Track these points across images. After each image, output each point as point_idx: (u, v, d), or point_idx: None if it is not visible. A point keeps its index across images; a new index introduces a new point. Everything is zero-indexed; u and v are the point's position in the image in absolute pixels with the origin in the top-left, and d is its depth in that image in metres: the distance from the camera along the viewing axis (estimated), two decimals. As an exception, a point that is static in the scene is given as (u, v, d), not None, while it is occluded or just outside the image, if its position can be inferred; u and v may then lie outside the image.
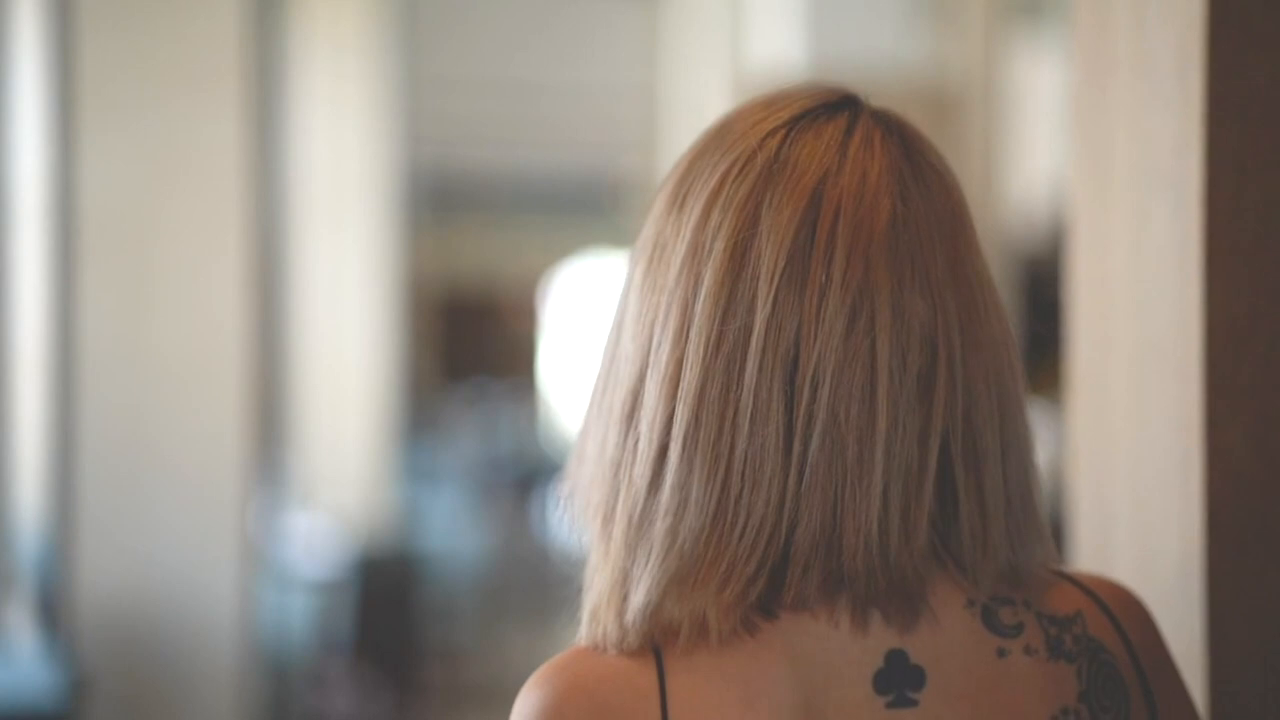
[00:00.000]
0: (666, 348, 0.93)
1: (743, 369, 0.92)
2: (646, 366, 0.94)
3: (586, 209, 12.36)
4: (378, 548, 7.01)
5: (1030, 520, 0.96)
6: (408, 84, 9.46)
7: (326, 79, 8.54)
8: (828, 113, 0.97)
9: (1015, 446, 0.96)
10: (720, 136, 0.97)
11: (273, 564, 6.22)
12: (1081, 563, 1.40)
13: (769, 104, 0.98)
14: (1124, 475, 1.33)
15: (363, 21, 8.77)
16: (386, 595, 6.64)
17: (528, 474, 11.01)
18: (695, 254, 0.93)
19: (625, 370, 0.95)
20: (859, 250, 0.92)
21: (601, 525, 0.95)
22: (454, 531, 8.63)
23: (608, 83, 10.52)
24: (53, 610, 4.22)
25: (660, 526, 0.92)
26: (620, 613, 0.93)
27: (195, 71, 4.36)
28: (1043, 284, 7.40)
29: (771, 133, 0.95)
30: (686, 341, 0.93)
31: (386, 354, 8.59)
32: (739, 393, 0.91)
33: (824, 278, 0.92)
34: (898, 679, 0.93)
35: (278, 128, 8.54)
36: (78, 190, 4.26)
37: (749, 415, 0.91)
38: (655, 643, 0.92)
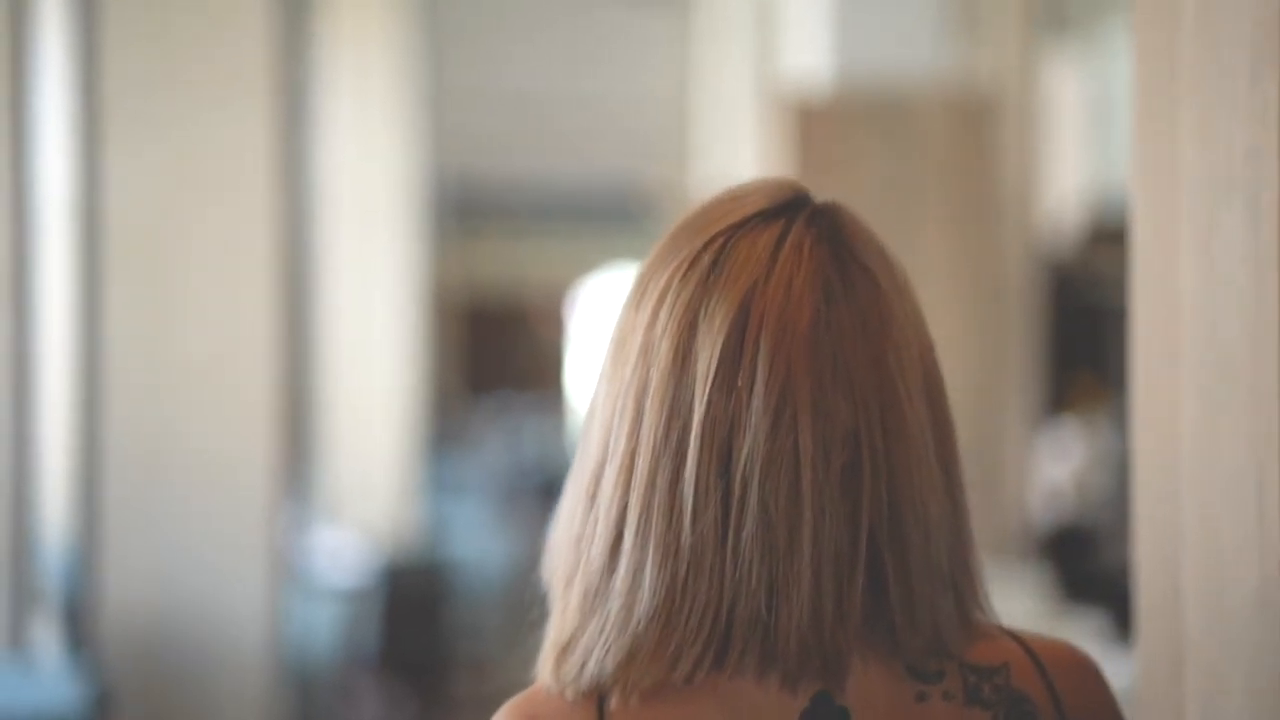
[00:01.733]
0: (622, 439, 1.04)
1: (684, 465, 1.02)
2: (607, 453, 1.05)
3: (614, 219, 12.34)
4: (404, 559, 6.98)
5: (960, 590, 1.05)
6: (434, 95, 9.45)
7: (353, 90, 8.53)
8: (765, 220, 1.06)
9: (941, 528, 1.04)
10: (677, 235, 1.07)
11: (299, 575, 6.19)
12: (1143, 594, 1.35)
13: (720, 207, 1.07)
14: (1191, 500, 1.28)
15: (390, 33, 8.76)
16: (412, 606, 6.61)
17: (553, 484, 10.98)
18: (646, 352, 1.04)
19: (591, 452, 1.06)
20: (781, 354, 1.02)
21: (563, 589, 1.06)
22: (480, 542, 8.61)
23: (636, 93, 10.49)
24: (77, 623, 4.20)
25: (615, 605, 1.03)
26: (557, 669, 1.04)
27: (222, 83, 4.34)
28: (1072, 291, 7.35)
29: (714, 238, 1.05)
30: (639, 435, 1.03)
31: (412, 365, 8.57)
32: (683, 486, 1.02)
33: (750, 380, 1.02)
34: (823, 718, 1.03)
35: (304, 139, 8.54)
36: (103, 201, 4.24)
37: (691, 507, 1.02)
38: (597, 693, 1.04)
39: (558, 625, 1.06)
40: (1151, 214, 1.34)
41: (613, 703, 1.03)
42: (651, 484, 1.03)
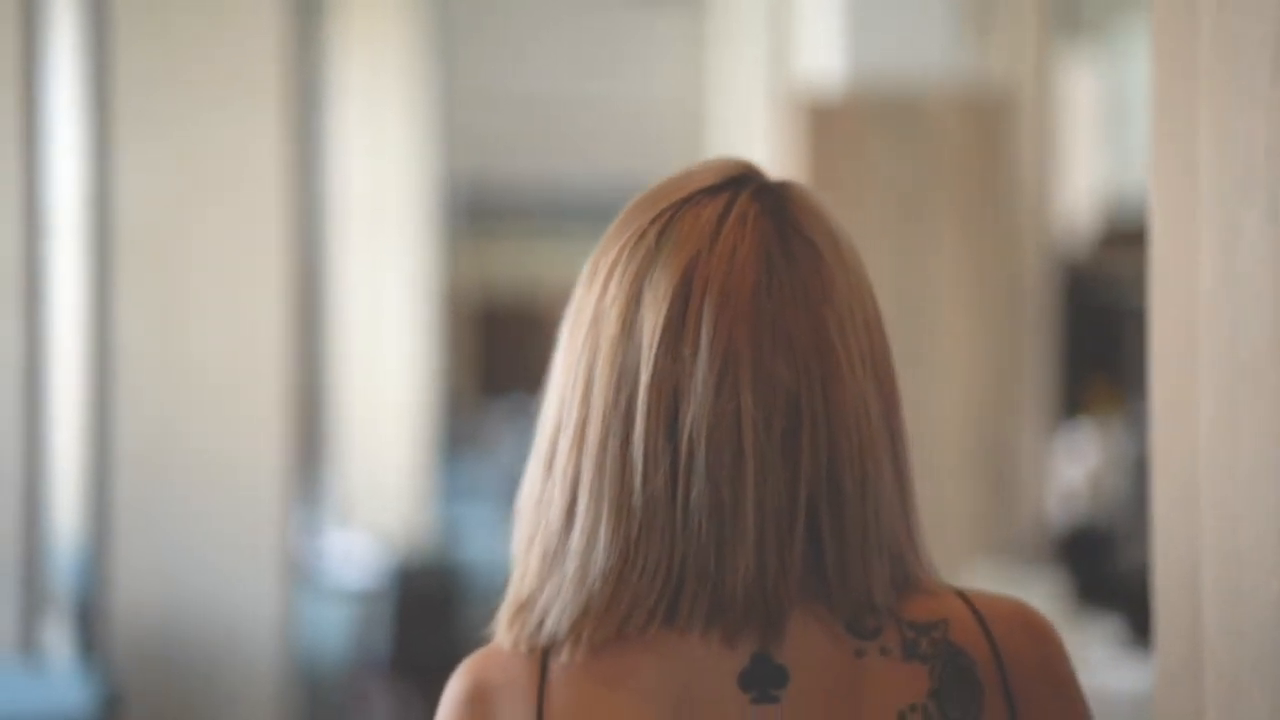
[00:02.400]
0: (575, 406, 1.09)
1: (633, 428, 1.07)
2: (561, 421, 1.10)
3: (626, 221, 12.25)
4: (416, 561, 6.97)
5: (898, 550, 1.09)
6: (447, 96, 9.43)
7: (365, 91, 8.52)
8: (711, 194, 1.10)
9: (882, 491, 1.09)
10: (628, 213, 1.12)
11: (311, 577, 6.18)
12: (1161, 598, 1.33)
13: (671, 185, 1.12)
14: (1210, 503, 1.26)
15: (402, 34, 8.75)
16: (424, 609, 6.59)
17: (566, 488, 10.89)
18: (596, 322, 1.10)
19: (548, 421, 1.11)
20: (724, 320, 1.07)
21: (523, 553, 1.11)
22: (492, 545, 8.59)
23: (650, 95, 10.47)
24: (88, 626, 4.19)
25: (571, 565, 1.08)
26: (512, 626, 1.10)
27: (233, 83, 4.33)
28: (1087, 293, 7.32)
29: (661, 213, 1.10)
30: (590, 401, 1.09)
31: (425, 367, 8.56)
32: (633, 449, 1.07)
33: (694, 346, 1.07)
34: (761, 678, 1.07)
35: (316, 140, 8.52)
36: (114, 202, 4.23)
37: (642, 469, 1.07)
38: (545, 646, 1.09)
39: (516, 585, 1.10)
40: (1170, 213, 1.32)
41: (557, 658, 1.08)
42: (603, 448, 1.08)
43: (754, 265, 1.08)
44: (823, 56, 5.32)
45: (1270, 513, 1.17)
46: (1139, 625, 4.16)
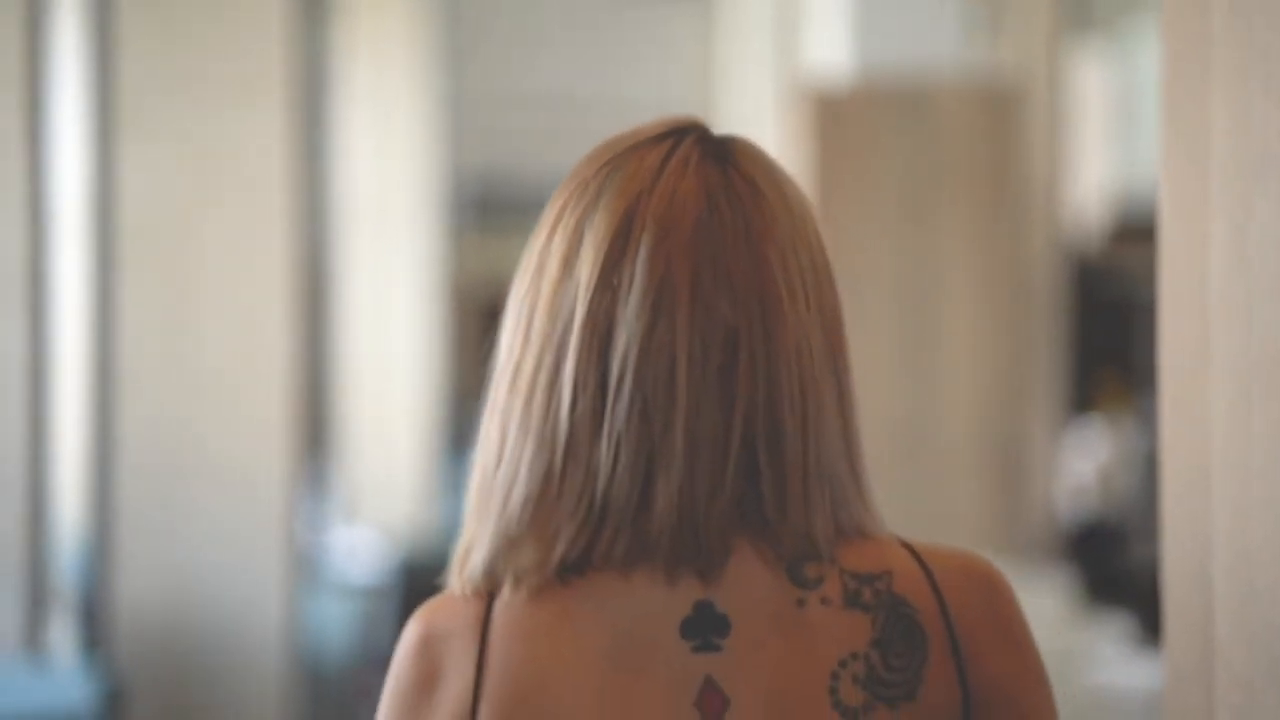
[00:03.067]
0: (514, 349, 1.10)
1: (564, 361, 1.08)
2: (501, 367, 1.11)
3: (634, 218, 12.23)
4: (422, 557, 6.95)
5: (841, 496, 1.08)
6: (455, 94, 9.41)
7: (372, 88, 8.50)
8: (654, 142, 1.11)
9: (823, 426, 1.08)
10: (576, 167, 1.14)
11: (317, 573, 6.16)
12: (1171, 598, 1.30)
13: (617, 137, 1.13)
14: (1223, 501, 1.23)
15: (410, 31, 8.73)
16: (432, 607, 6.55)
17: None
18: (539, 272, 1.11)
19: (495, 370, 1.12)
20: (661, 253, 1.07)
21: (469, 501, 1.13)
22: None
23: (658, 92, 10.45)
24: (93, 623, 4.17)
25: (498, 498, 1.09)
26: (460, 571, 1.11)
27: (238, 81, 4.31)
28: (1096, 287, 7.29)
29: (604, 164, 1.11)
30: (528, 342, 1.09)
31: (432, 364, 8.54)
32: (562, 380, 1.07)
33: (630, 278, 1.07)
34: (704, 626, 1.06)
35: (323, 138, 8.50)
36: (118, 201, 4.21)
37: (570, 400, 1.07)
38: (490, 591, 1.10)
39: (463, 532, 1.12)
40: (1181, 201, 1.29)
41: (501, 600, 1.08)
42: (534, 382, 1.09)
43: (695, 203, 1.08)
44: (831, 49, 5.29)
45: (1284, 509, 1.14)
46: (1150, 623, 4.13)
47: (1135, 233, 7.20)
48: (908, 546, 1.10)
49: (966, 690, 1.07)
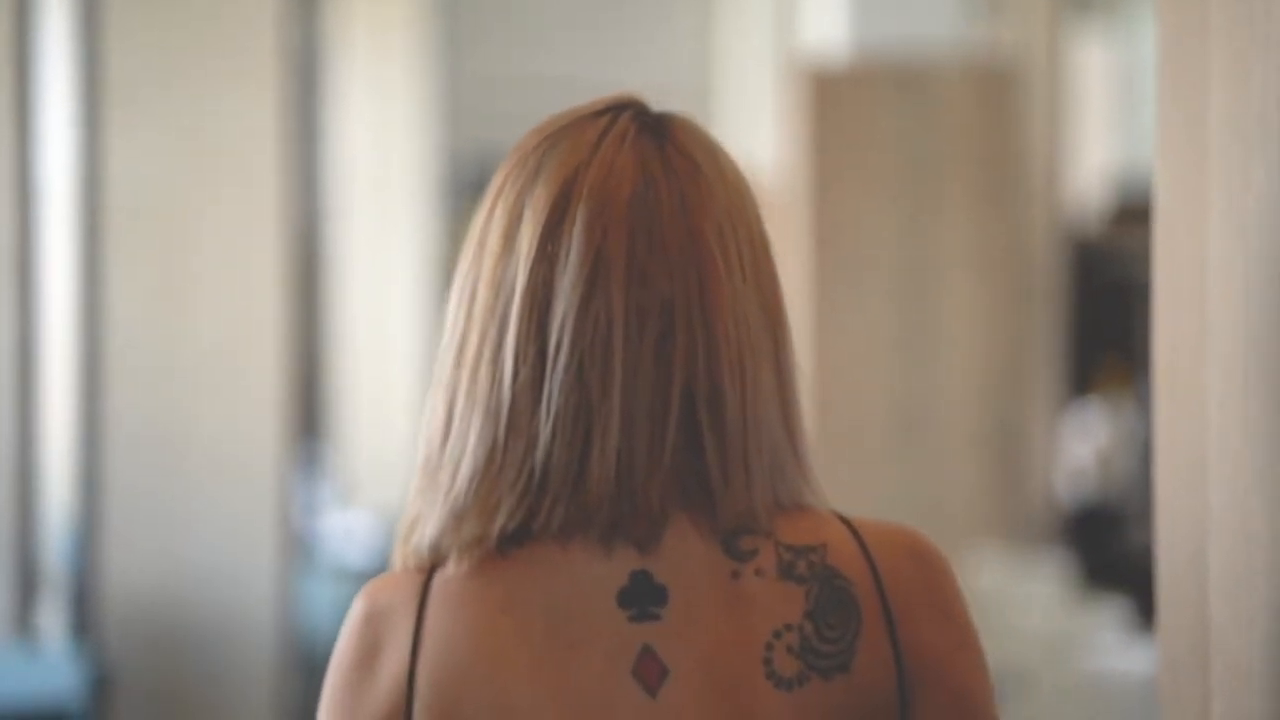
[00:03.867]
0: (459, 325, 1.12)
1: (506, 332, 1.09)
2: (446, 343, 1.12)
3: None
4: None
5: (780, 465, 1.09)
6: (452, 76, 9.37)
7: (369, 70, 8.45)
8: (593, 118, 1.13)
9: (762, 396, 1.09)
10: (517, 144, 1.15)
11: (313, 556, 6.12)
12: (1165, 584, 1.26)
13: (557, 115, 1.15)
14: (1219, 484, 1.19)
15: (407, 13, 8.68)
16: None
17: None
18: (481, 246, 1.12)
19: (441, 346, 1.13)
20: (597, 224, 1.08)
21: (416, 477, 1.13)
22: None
23: (658, 75, 10.40)
24: (81, 607, 4.15)
25: (445, 473, 1.10)
26: (403, 546, 1.12)
27: (230, 60, 4.27)
28: (1096, 267, 7.24)
29: (544, 139, 1.13)
30: (471, 316, 1.11)
31: (429, 349, 8.50)
32: (504, 353, 1.09)
33: (566, 249, 1.08)
34: (641, 596, 1.07)
35: (318, 120, 8.46)
36: (107, 181, 4.17)
37: (512, 371, 1.08)
38: (433, 565, 1.11)
39: (407, 508, 1.13)
40: (1176, 172, 1.24)
41: (441, 573, 1.09)
42: (479, 356, 1.10)
43: (631, 175, 1.10)
44: (829, 26, 5.25)
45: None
46: (1147, 608, 4.10)
47: (1136, 214, 7.14)
48: (843, 520, 1.11)
49: (900, 662, 1.07)
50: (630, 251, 1.08)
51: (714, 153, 1.12)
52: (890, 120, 4.63)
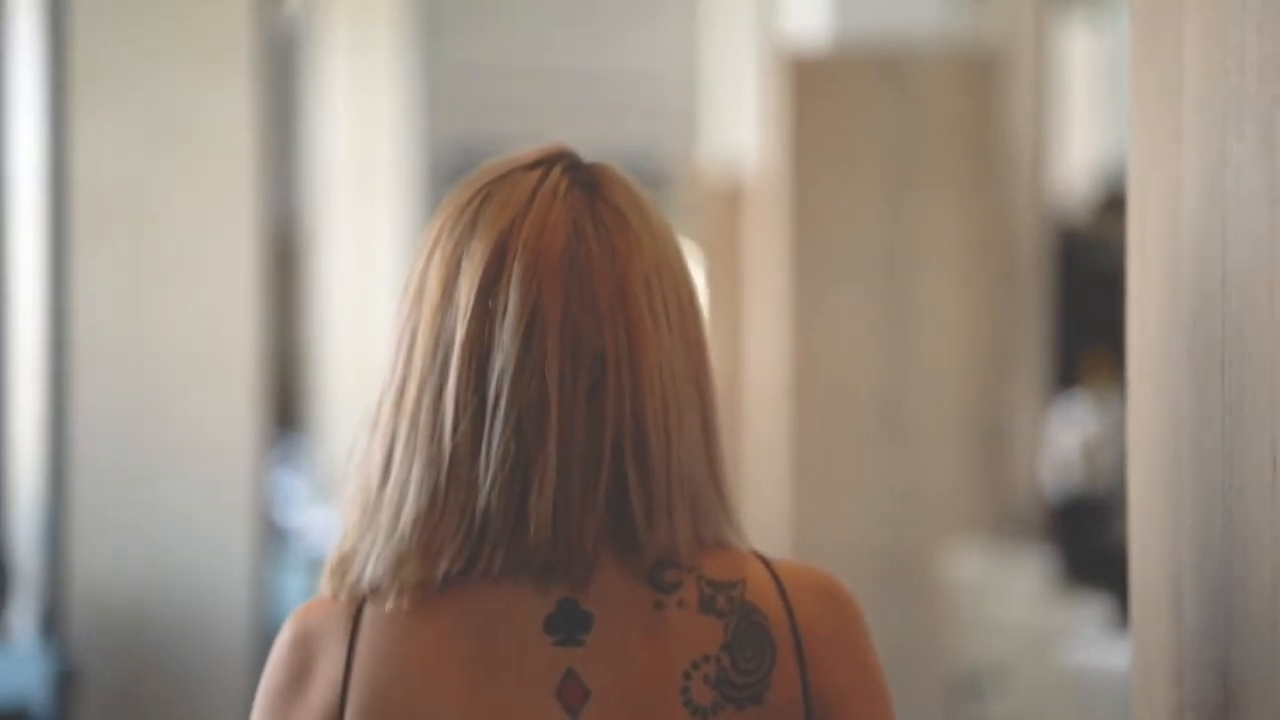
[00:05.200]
0: (398, 369, 1.16)
1: (446, 382, 1.14)
2: (386, 387, 1.16)
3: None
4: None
5: (702, 508, 1.15)
6: (435, 65, 9.30)
7: (350, 57, 8.38)
8: (526, 170, 1.19)
9: (686, 443, 1.15)
10: (453, 193, 1.20)
11: (291, 550, 6.06)
12: (1137, 589, 1.19)
13: (492, 164, 1.20)
14: (1194, 478, 1.12)
15: (390, 2, 8.60)
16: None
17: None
18: (420, 291, 1.17)
19: (376, 388, 1.18)
20: (533, 278, 1.14)
21: (348, 512, 1.17)
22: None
23: (644, 66, 10.36)
24: (48, 602, 4.09)
25: (386, 515, 1.14)
26: (334, 578, 1.15)
27: (201, 42, 4.20)
28: (1083, 258, 7.19)
29: (480, 189, 1.18)
30: (410, 364, 1.15)
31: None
32: (444, 403, 1.14)
33: (504, 303, 1.14)
34: (567, 622, 1.13)
35: (297, 106, 8.39)
36: (72, 171, 4.10)
37: (452, 422, 1.13)
38: (363, 597, 1.16)
39: (340, 542, 1.17)
40: (1149, 150, 1.17)
41: (374, 605, 1.14)
42: (418, 404, 1.14)
43: (563, 230, 1.15)
44: (812, 13, 5.18)
45: (1265, 487, 1.03)
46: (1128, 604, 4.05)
47: (1122, 203, 7.09)
48: (762, 559, 1.16)
49: (808, 697, 1.13)
50: (565, 306, 1.13)
51: (641, 206, 1.18)
52: (873, 108, 4.57)
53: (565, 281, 1.14)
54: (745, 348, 6.28)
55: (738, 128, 7.52)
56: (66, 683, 3.53)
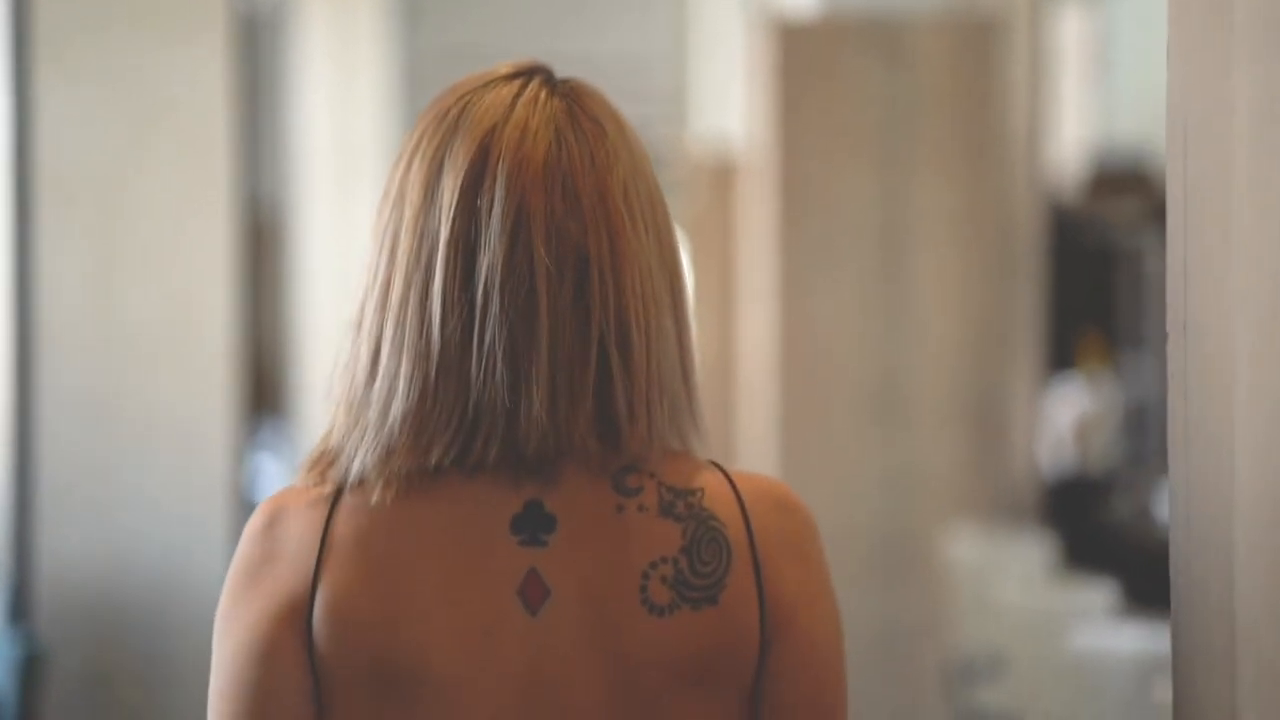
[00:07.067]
0: (381, 270, 1.20)
1: (432, 280, 1.18)
2: (369, 288, 1.20)
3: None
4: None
5: (676, 408, 1.20)
6: (415, 46, 9.19)
7: (331, 37, 8.27)
8: (507, 79, 1.23)
9: (664, 344, 1.20)
10: (432, 102, 1.24)
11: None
12: (1182, 572, 1.07)
13: (470, 77, 1.24)
14: (1247, 451, 1.00)
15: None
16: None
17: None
18: (402, 194, 1.21)
19: (358, 291, 1.21)
20: (517, 181, 1.19)
21: (333, 411, 1.21)
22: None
23: (632, 49, 10.28)
24: (13, 587, 4.01)
25: (374, 410, 1.18)
26: (315, 473, 1.19)
27: (170, 14, 4.09)
28: (1075, 236, 7.10)
29: (460, 98, 1.22)
30: (394, 263, 1.19)
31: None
32: (431, 300, 1.18)
33: (489, 204, 1.18)
34: (531, 523, 1.17)
35: (277, 86, 8.27)
36: (36, 145, 4.00)
37: (440, 317, 1.17)
38: (338, 488, 1.19)
39: (324, 438, 1.20)
40: (1193, 75, 1.05)
41: (354, 494, 1.18)
42: (404, 302, 1.18)
43: (545, 136, 1.20)
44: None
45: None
46: (1130, 584, 3.98)
47: (1113, 183, 7.03)
48: (721, 470, 1.22)
49: (763, 601, 1.18)
50: (548, 206, 1.17)
51: (616, 118, 1.23)
52: (863, 78, 4.45)
53: (548, 185, 1.18)
54: (736, 330, 6.17)
55: (727, 109, 7.42)
56: (34, 668, 3.46)
